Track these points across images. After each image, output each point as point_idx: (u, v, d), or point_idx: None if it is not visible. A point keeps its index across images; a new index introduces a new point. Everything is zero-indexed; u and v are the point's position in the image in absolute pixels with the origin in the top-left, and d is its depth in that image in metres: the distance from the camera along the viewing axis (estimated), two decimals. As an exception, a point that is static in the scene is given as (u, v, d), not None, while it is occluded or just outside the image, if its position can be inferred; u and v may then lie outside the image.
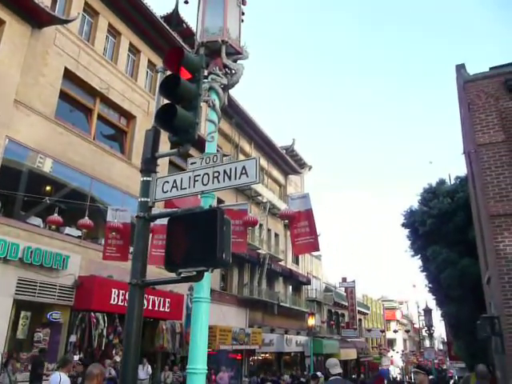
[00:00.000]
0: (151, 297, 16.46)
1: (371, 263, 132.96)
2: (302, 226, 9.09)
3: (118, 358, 13.04)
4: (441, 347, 57.85)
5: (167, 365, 16.17)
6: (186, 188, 3.28)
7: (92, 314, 13.13)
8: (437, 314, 27.26)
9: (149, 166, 3.43)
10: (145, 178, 3.40)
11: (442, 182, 19.35)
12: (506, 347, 8.21)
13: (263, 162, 28.04)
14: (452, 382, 28.86)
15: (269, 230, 27.46)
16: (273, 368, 25.48)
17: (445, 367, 45.73)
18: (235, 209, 9.89)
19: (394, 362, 54.65)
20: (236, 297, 22.66)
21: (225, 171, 3.17)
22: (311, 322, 26.70)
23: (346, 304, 39.16)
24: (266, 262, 24.64)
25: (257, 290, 24.07)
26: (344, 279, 41.44)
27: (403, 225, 19.46)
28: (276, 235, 28.49)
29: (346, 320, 39.79)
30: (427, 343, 43.26)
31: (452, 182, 19.31)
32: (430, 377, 25.54)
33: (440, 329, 46.38)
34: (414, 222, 18.58)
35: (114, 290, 13.46)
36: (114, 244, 9.63)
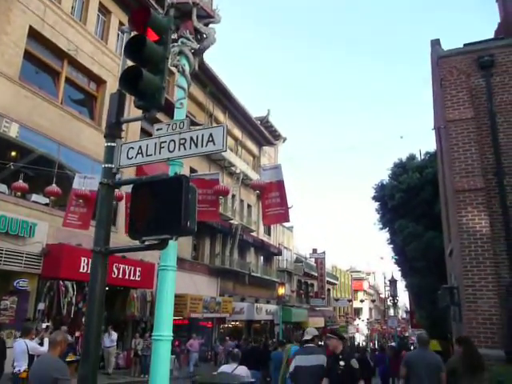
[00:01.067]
0: (122, 265, 16.39)
1: (341, 235, 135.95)
2: (273, 197, 9.14)
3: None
4: (404, 316, 60.42)
5: (138, 332, 16.30)
6: (151, 155, 3.20)
7: (60, 282, 13.00)
8: (401, 285, 28.35)
9: (113, 131, 3.32)
10: (109, 144, 3.29)
11: (412, 158, 19.74)
12: (463, 316, 8.62)
13: (237, 133, 27.80)
14: (412, 347, 30.28)
15: (241, 201, 27.52)
16: (242, 335, 26.06)
17: (407, 334, 47.92)
18: (207, 178, 9.82)
19: (360, 330, 56.87)
20: (207, 266, 22.84)
21: (191, 138, 3.09)
22: (281, 291, 27.30)
23: (316, 274, 40.11)
24: (238, 233, 24.80)
25: (228, 259, 24.30)
26: (314, 250, 42.32)
27: (373, 198, 19.89)
28: (248, 206, 28.62)
29: (315, 290, 40.86)
30: (391, 312, 45.04)
31: (422, 158, 19.72)
32: (392, 343, 26.73)
33: (404, 299, 48.35)
34: (383, 195, 19.01)
35: (83, 259, 13.31)
36: (76, 211, 9.46)
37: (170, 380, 3.85)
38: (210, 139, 3.06)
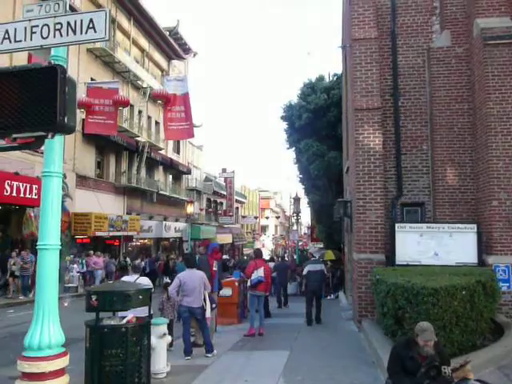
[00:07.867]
0: (15, 183, 15.23)
1: (252, 156, 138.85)
2: (177, 111, 8.78)
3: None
4: (306, 231, 65.31)
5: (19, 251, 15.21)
6: (21, 41, 2.75)
7: None
8: (304, 202, 30.10)
9: (-29, 10, 2.79)
10: (-32, 25, 2.77)
11: (321, 78, 20.07)
12: (353, 226, 9.44)
13: (144, 43, 25.77)
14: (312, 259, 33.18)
15: (149, 118, 26.33)
16: (151, 252, 26.36)
17: (307, 248, 52.25)
18: (105, 87, 9.11)
19: (266, 245, 60.60)
20: (113, 184, 22.07)
21: (69, 23, 2.69)
22: (190, 209, 27.57)
23: (225, 193, 40.98)
24: (146, 151, 23.98)
25: (135, 178, 23.63)
26: (224, 170, 42.83)
27: (282, 118, 20.20)
28: (157, 123, 27.49)
29: (224, 208, 41.98)
30: (295, 228, 48.23)
31: (330, 79, 20.14)
32: (294, 256, 28.99)
33: (306, 217, 51.91)
34: (291, 115, 19.38)
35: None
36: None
37: (75, 297, 3.73)
38: (91, 26, 2.69)
